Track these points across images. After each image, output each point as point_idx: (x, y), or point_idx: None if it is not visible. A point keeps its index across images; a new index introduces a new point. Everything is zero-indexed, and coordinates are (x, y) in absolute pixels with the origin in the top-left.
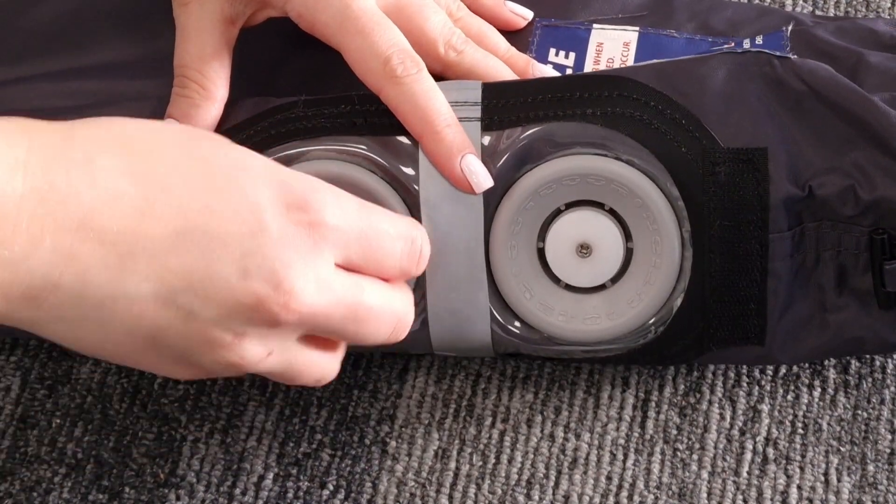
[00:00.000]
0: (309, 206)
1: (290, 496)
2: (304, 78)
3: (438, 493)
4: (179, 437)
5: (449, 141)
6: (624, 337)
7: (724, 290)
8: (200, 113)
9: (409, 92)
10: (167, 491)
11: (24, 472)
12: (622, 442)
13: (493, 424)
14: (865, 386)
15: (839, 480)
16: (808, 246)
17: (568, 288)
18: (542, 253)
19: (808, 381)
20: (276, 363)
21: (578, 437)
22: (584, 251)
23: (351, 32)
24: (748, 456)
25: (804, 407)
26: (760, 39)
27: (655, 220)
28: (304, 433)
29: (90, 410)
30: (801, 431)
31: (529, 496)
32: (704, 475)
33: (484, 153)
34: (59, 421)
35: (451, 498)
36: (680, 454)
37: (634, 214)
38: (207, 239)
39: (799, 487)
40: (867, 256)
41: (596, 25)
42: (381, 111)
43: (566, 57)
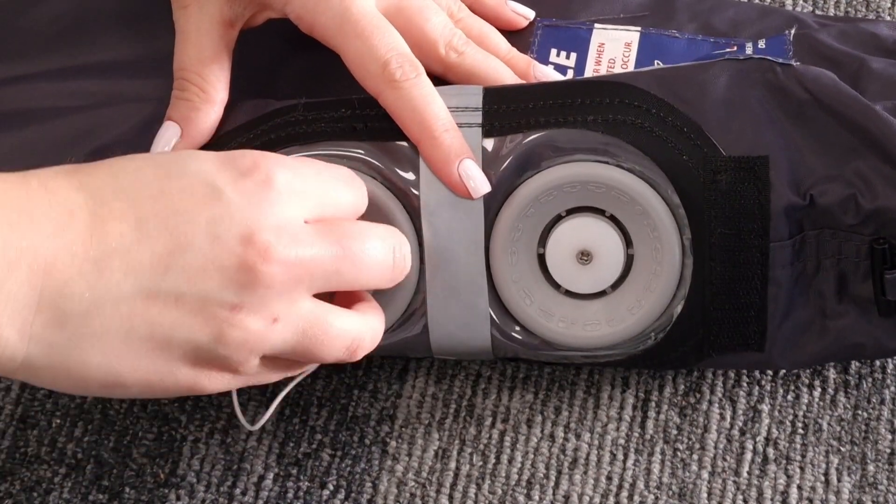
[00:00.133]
0: (258, 168)
1: (290, 496)
2: (303, 80)
3: (438, 493)
4: (179, 437)
5: (447, 146)
6: (624, 343)
7: (724, 297)
8: (200, 116)
9: (407, 96)
10: (167, 491)
11: (24, 472)
12: (622, 442)
13: (493, 424)
14: (865, 386)
15: (839, 480)
16: (808, 253)
17: (568, 294)
18: (542, 259)
19: (808, 381)
20: (288, 332)
21: (578, 437)
22: (584, 257)
23: (350, 35)
24: (748, 456)
25: (804, 407)
26: (763, 43)
27: (656, 227)
28: (304, 433)
29: (90, 410)
30: (801, 431)
31: (529, 496)
32: (704, 475)
33: (485, 158)
34: (59, 421)
35: (451, 498)
36: (680, 454)
37: (635, 221)
38: (169, 219)
39: (799, 487)
40: (867, 264)
41: (597, 26)
42: (381, 115)
43: (567, 57)
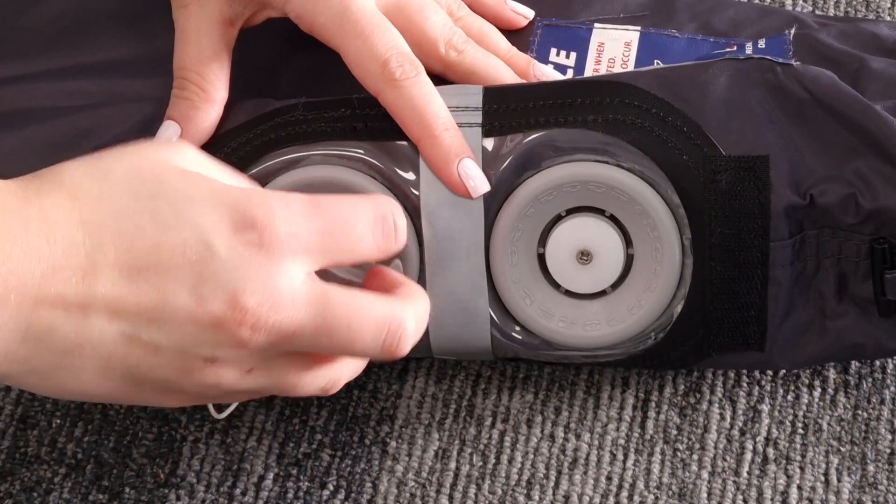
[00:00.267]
0: (256, 223)
1: (290, 496)
2: (303, 79)
3: (438, 493)
4: (179, 437)
5: (447, 145)
6: (624, 343)
7: (724, 297)
8: (200, 115)
9: (407, 95)
10: (167, 491)
11: (24, 472)
12: (622, 442)
13: (493, 425)
14: (865, 386)
15: (839, 480)
16: (808, 253)
17: (568, 294)
18: (542, 259)
19: (808, 381)
20: (262, 380)
21: (578, 437)
22: (584, 257)
23: (350, 35)
24: (748, 456)
25: (804, 407)
26: (763, 43)
27: (656, 226)
28: (304, 433)
29: (90, 410)
30: (801, 431)
31: (529, 496)
32: (704, 475)
33: (485, 158)
34: (59, 421)
35: (451, 498)
36: (680, 454)
37: (635, 221)
38: (160, 275)
39: (799, 487)
40: (867, 264)
41: (597, 25)
42: (381, 115)
43: (567, 57)
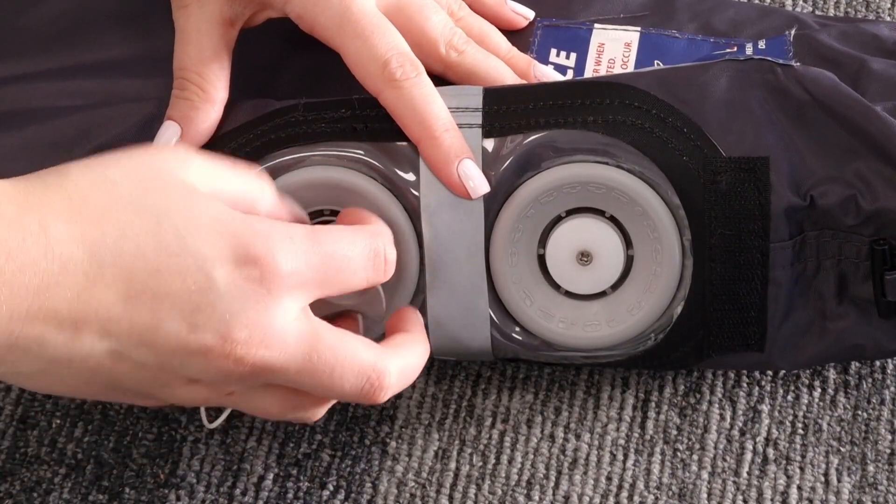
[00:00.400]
0: (259, 259)
1: (290, 496)
2: (303, 79)
3: (438, 493)
4: (179, 437)
5: (447, 146)
6: (624, 344)
7: (724, 298)
8: (200, 115)
9: (407, 96)
10: (167, 491)
11: (24, 472)
12: (622, 442)
13: (493, 425)
14: (865, 386)
15: (839, 481)
16: (808, 254)
17: (568, 295)
18: (542, 260)
19: (808, 381)
20: (240, 403)
21: (578, 437)
22: (584, 258)
23: (350, 35)
24: (748, 456)
25: (804, 407)
26: (763, 44)
27: (656, 227)
28: (304, 433)
29: (90, 411)
30: (801, 432)
31: (529, 496)
32: (704, 475)
33: (485, 159)
34: (59, 421)
35: (451, 498)
36: (680, 454)
37: (635, 222)
38: (157, 300)
39: (799, 488)
40: (868, 265)
41: (597, 26)
42: (381, 116)
43: (567, 57)
